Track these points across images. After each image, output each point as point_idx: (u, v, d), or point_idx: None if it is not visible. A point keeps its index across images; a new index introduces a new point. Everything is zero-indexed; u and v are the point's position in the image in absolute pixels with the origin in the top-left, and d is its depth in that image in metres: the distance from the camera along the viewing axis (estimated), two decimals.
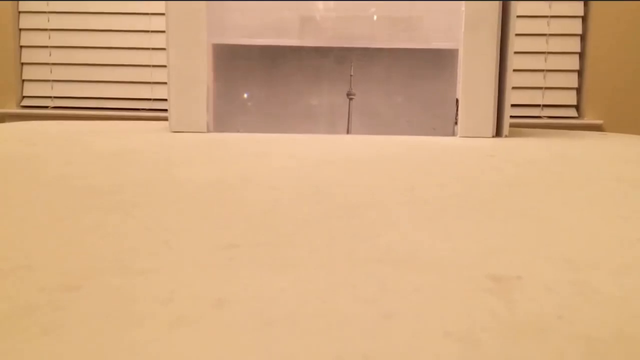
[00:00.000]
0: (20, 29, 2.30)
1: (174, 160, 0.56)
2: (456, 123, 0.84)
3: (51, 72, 2.25)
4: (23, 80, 2.33)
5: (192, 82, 0.83)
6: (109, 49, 2.25)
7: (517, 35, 2.03)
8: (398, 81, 0.95)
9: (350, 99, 0.99)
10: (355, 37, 0.98)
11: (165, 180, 0.45)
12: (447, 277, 0.24)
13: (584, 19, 2.21)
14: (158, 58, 2.18)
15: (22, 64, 2.32)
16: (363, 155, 0.62)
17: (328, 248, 0.28)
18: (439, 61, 0.93)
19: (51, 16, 2.26)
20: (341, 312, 0.20)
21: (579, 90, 2.25)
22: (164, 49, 2.12)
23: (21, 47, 2.31)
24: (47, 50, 2.25)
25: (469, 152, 0.66)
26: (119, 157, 0.58)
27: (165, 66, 2.09)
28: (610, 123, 2.23)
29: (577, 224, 0.33)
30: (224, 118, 0.98)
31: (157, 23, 2.18)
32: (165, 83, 2.14)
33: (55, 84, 2.24)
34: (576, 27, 2.21)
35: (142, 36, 2.19)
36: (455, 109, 0.85)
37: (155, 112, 2.19)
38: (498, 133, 0.83)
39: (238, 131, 0.97)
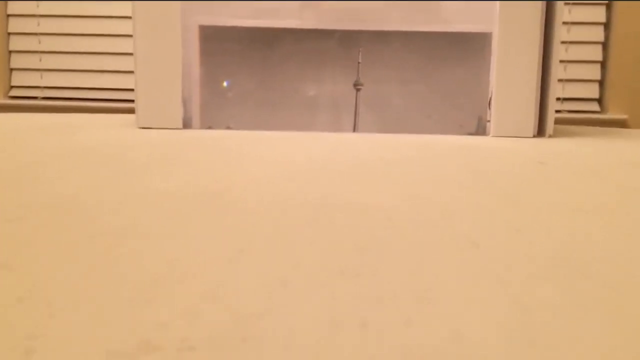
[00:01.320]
0: (8, 15, 2.18)
1: (123, 168, 0.43)
2: (488, 120, 0.70)
3: (40, 60, 2.13)
4: (11, 69, 2.21)
5: (163, 70, 0.70)
6: (103, 37, 2.12)
7: None
8: (414, 69, 0.82)
9: (358, 90, 0.86)
10: (363, 18, 0.85)
11: (94, 200, 0.32)
12: None
13: (608, 6, 2.06)
14: None
15: (10, 51, 2.20)
16: (374, 161, 0.49)
17: None
18: (463, 45, 0.80)
19: (40, 2, 2.13)
20: None
21: (601, 82, 2.11)
22: None
23: (9, 34, 2.19)
24: (36, 38, 2.13)
25: (510, 157, 0.52)
26: (54, 162, 0.45)
27: None
28: (636, 118, 2.08)
29: None
30: (212, 111, 0.85)
31: None
32: None
33: (45, 73, 2.11)
34: (599, 15, 2.06)
35: None
36: (488, 102, 0.72)
37: None
38: (540, 132, 0.70)
39: (228, 126, 0.85)
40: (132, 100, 2.03)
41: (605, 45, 2.09)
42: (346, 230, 0.27)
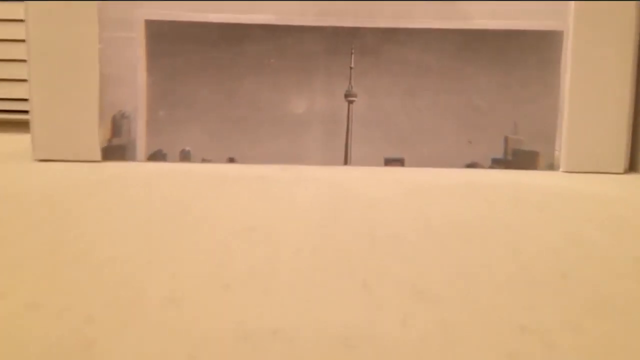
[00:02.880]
0: None
1: None
2: (557, 150, 0.52)
3: None
4: None
5: (72, 80, 0.51)
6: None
7: None
8: (424, 77, 0.65)
9: (350, 102, 0.68)
10: (357, 12, 0.67)
11: None
12: None
13: None
14: None
15: None
16: (403, 229, 0.31)
17: None
18: (488, 46, 0.63)
19: None
20: None
21: None
22: None
23: None
24: None
25: (628, 214, 0.35)
26: None
27: None
28: None
29: None
30: (164, 130, 0.67)
31: None
32: None
33: None
34: None
35: None
36: (554, 124, 0.53)
37: None
38: (633, 167, 0.52)
39: (183, 150, 0.66)
40: None
41: None
42: None
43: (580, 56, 0.51)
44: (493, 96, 0.63)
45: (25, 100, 0.56)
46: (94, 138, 0.52)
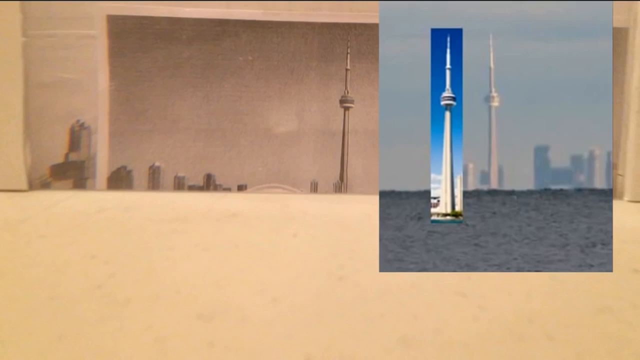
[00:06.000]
0: None
1: None
2: (620, 174, 0.43)
3: None
4: None
5: None
6: None
7: None
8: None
9: (346, 109, 0.60)
10: (352, 6, 0.60)
11: None
12: None
13: None
14: None
15: None
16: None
17: None
18: None
19: None
20: None
21: None
22: None
23: None
24: None
25: None
26: None
27: None
28: None
29: None
30: (130, 143, 0.59)
31: None
32: None
33: None
34: None
35: None
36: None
37: None
38: None
39: (152, 167, 0.58)
40: None
41: None
42: None
43: None
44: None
45: None
46: (19, 163, 0.44)
